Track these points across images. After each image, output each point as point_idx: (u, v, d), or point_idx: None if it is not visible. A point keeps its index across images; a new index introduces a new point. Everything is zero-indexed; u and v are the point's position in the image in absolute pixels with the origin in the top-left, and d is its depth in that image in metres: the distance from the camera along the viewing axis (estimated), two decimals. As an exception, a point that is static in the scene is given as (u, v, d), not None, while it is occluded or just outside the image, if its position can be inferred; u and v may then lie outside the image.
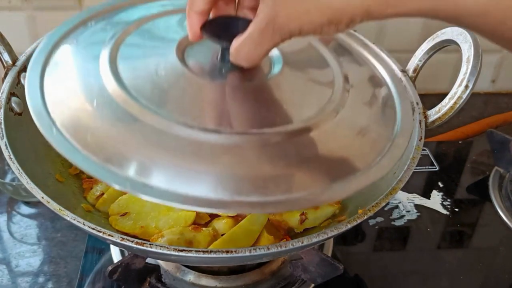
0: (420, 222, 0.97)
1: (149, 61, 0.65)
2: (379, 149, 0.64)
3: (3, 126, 0.69)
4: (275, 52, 0.67)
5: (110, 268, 0.67)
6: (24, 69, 0.78)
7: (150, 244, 0.58)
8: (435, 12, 0.51)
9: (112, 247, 0.89)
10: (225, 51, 0.61)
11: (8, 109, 0.73)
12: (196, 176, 0.54)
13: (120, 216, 0.75)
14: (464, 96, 0.73)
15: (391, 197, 0.66)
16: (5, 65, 0.77)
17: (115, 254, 0.87)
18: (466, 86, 0.73)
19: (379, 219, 0.97)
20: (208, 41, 0.62)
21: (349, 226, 0.62)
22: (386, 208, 0.99)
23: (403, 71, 0.83)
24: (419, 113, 0.77)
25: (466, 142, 1.19)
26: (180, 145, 0.56)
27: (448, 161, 1.12)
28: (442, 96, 0.76)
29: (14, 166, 0.65)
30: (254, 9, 0.54)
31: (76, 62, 0.67)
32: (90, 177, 0.81)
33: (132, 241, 0.58)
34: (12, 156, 0.66)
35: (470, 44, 0.73)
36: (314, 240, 0.60)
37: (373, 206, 0.64)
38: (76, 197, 0.78)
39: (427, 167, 1.09)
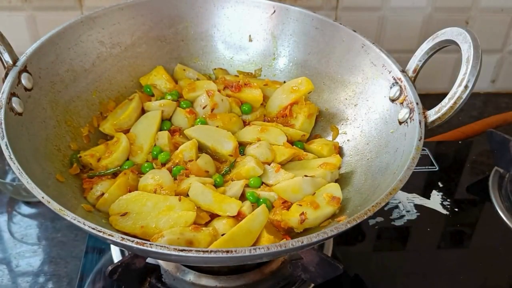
0: (420, 222, 0.97)
1: None
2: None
3: (3, 126, 0.70)
4: None
5: (110, 268, 0.67)
6: (24, 69, 0.79)
7: (150, 244, 0.58)
8: None
9: (112, 247, 0.89)
10: None
11: (9, 109, 0.73)
12: None
13: (120, 216, 0.75)
14: (464, 96, 0.73)
15: (391, 197, 0.66)
16: (6, 65, 0.77)
17: (115, 254, 0.87)
18: (466, 86, 0.73)
19: (379, 219, 0.97)
20: None
21: (349, 226, 0.62)
22: (386, 208, 0.99)
23: (403, 71, 0.83)
24: (419, 113, 0.77)
25: (466, 142, 1.19)
26: None
27: (448, 161, 1.12)
28: (442, 96, 0.76)
29: (15, 166, 0.65)
30: None
31: None
32: (90, 177, 0.82)
33: (133, 241, 0.59)
34: (12, 156, 0.66)
35: (470, 44, 0.73)
36: (314, 240, 0.60)
37: (373, 206, 0.64)
38: (76, 197, 0.78)
39: (427, 167, 1.09)
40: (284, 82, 0.99)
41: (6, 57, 0.78)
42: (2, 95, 0.73)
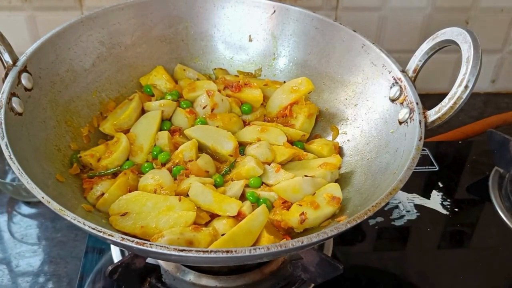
0: (420, 222, 0.97)
1: None
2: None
3: (3, 126, 0.70)
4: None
5: (110, 268, 0.67)
6: (24, 69, 0.79)
7: (150, 244, 0.58)
8: None
9: (112, 247, 0.89)
10: None
11: (9, 109, 0.73)
12: None
13: (120, 216, 0.75)
14: (464, 96, 0.73)
15: (391, 197, 0.66)
16: (6, 65, 0.77)
17: (115, 254, 0.87)
18: (466, 86, 0.73)
19: (379, 219, 0.97)
20: None
21: (349, 226, 0.62)
22: (386, 208, 0.99)
23: (403, 71, 0.83)
24: (419, 113, 0.77)
25: (466, 142, 1.19)
26: None
27: (448, 161, 1.12)
28: (442, 96, 0.76)
29: (15, 166, 0.65)
30: None
31: None
32: (90, 177, 0.82)
33: (133, 241, 0.59)
34: (12, 156, 0.66)
35: (470, 44, 0.73)
36: (314, 240, 0.60)
37: (373, 206, 0.64)
38: (76, 197, 0.78)
39: (427, 167, 1.09)
40: (284, 82, 0.99)
41: (6, 57, 0.78)
42: (2, 95, 0.73)
